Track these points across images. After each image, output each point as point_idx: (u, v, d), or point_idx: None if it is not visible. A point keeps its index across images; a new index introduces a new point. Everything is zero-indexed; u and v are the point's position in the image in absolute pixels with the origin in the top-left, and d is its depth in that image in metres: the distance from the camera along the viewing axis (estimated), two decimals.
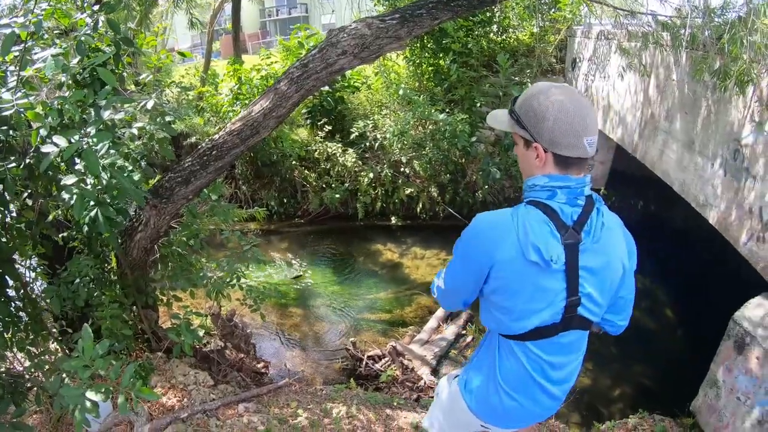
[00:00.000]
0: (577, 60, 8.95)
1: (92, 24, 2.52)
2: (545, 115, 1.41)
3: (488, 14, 9.75)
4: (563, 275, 1.44)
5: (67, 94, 2.47)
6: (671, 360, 5.48)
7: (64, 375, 2.30)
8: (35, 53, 2.53)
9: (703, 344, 4.43)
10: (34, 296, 3.39)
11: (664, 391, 4.88)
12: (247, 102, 8.86)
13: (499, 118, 1.63)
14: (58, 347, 3.61)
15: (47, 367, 2.71)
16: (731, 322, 3.90)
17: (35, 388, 2.68)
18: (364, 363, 5.52)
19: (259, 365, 5.14)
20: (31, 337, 3.11)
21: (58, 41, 2.62)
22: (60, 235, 3.56)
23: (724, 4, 3.39)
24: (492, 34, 10.20)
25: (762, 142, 3.92)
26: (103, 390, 1.99)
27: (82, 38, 2.39)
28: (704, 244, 5.96)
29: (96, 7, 2.62)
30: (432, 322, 6.32)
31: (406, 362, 5.45)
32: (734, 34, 3.03)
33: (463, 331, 6.23)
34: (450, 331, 6.14)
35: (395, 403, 4.34)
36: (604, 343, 1.71)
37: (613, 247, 1.52)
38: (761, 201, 3.93)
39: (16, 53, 2.49)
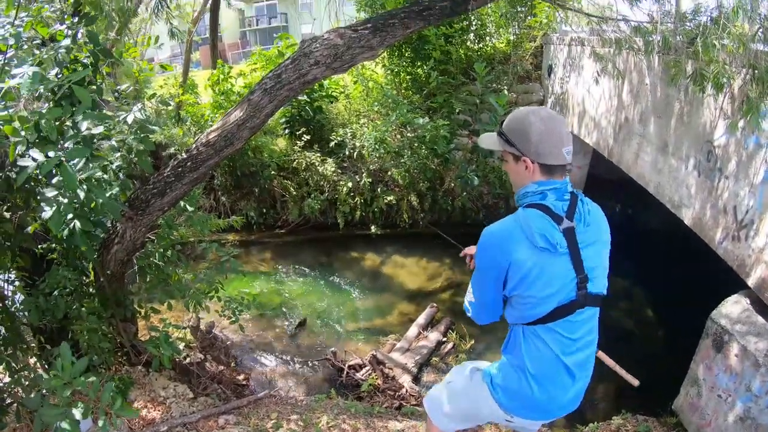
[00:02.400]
0: (553, 66, 9.12)
1: (71, 35, 2.51)
2: (528, 133, 1.73)
3: (465, 22, 9.88)
4: (568, 257, 1.71)
5: (44, 106, 2.46)
6: (652, 360, 5.56)
7: (44, 392, 2.29)
8: (14, 63, 2.51)
9: (684, 344, 4.51)
10: (12, 309, 3.34)
11: (647, 391, 4.93)
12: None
13: (489, 140, 1.91)
14: (36, 362, 3.55)
15: (27, 382, 2.67)
16: (708, 321, 3.99)
17: (15, 404, 2.64)
18: (345, 372, 5.53)
19: (239, 377, 5.12)
20: (10, 350, 3.06)
21: (37, 52, 2.59)
22: (38, 247, 3.52)
23: (696, 8, 3.47)
24: (469, 42, 10.34)
25: (734, 142, 4.03)
26: (82, 409, 2.01)
27: (61, 51, 2.38)
28: (682, 245, 6.09)
29: (75, 19, 2.62)
30: (413, 330, 6.35)
31: (387, 371, 5.47)
32: (706, 38, 3.11)
33: (444, 339, 6.27)
34: (431, 338, 6.18)
35: (377, 412, 4.35)
36: None
37: (599, 228, 1.83)
38: (735, 200, 4.03)
39: None
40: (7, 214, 3.09)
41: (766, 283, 3.67)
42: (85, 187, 2.35)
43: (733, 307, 3.93)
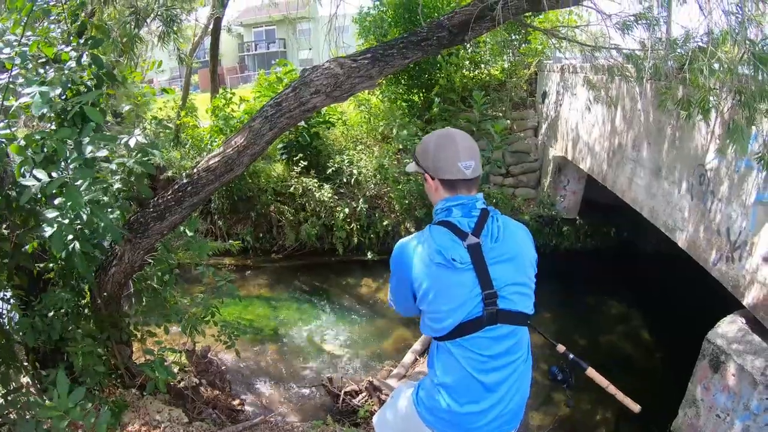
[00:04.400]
0: (547, 92, 9.28)
1: (76, 57, 2.56)
2: (427, 150, 1.82)
3: (462, 51, 10.08)
4: (473, 273, 1.69)
5: (47, 126, 2.49)
6: (650, 382, 5.55)
7: (39, 419, 2.26)
8: (19, 81, 2.55)
9: (681, 365, 4.52)
10: (7, 328, 3.32)
11: (645, 413, 4.90)
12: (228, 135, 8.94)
13: (410, 165, 1.98)
14: (30, 382, 3.51)
15: (19, 405, 2.64)
16: (705, 342, 4.01)
17: (7, 426, 2.61)
18: (341, 399, 5.46)
19: (234, 402, 5.06)
20: (3, 369, 3.03)
21: (42, 71, 2.64)
22: (36, 266, 3.51)
23: (686, 35, 3.55)
24: (465, 70, 10.53)
25: (725, 165, 4.12)
26: None
27: (66, 73, 2.43)
28: (676, 267, 6.11)
29: (81, 41, 2.67)
30: (409, 357, 6.30)
31: (383, 397, 5.40)
32: (695, 63, 3.18)
33: None
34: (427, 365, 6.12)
35: None
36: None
37: (515, 245, 1.77)
38: (728, 222, 4.10)
39: (1, 82, 2.51)
40: (5, 232, 3.09)
41: (761, 302, 3.70)
42: (87, 208, 2.37)
43: (729, 327, 3.96)
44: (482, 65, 10.88)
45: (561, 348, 2.12)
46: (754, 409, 3.39)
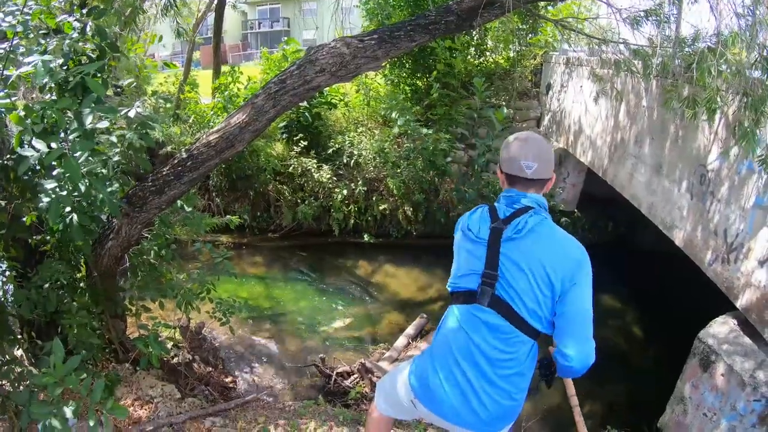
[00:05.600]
0: (552, 84, 9.22)
1: (80, 28, 2.52)
2: (504, 146, 1.98)
3: (468, 37, 9.99)
4: (485, 247, 1.85)
5: (48, 97, 2.46)
6: (639, 377, 5.63)
7: (33, 389, 2.27)
8: (20, 51, 2.52)
9: (671, 362, 4.56)
10: (1, 300, 3.31)
11: (633, 408, 5.00)
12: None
13: None
14: (24, 354, 3.52)
15: (13, 377, 2.65)
16: (696, 341, 4.04)
17: (0, 397, 2.62)
18: (333, 379, 5.50)
19: (227, 379, 5.09)
20: None
21: (43, 42, 2.59)
22: (32, 238, 3.50)
23: (695, 34, 3.52)
24: (470, 57, 10.43)
25: (727, 167, 4.11)
26: (74, 407, 2.00)
27: (68, 42, 2.39)
28: (672, 265, 6.14)
29: (84, 11, 2.62)
30: (402, 340, 6.35)
31: (375, 379, 5.44)
32: (703, 63, 3.15)
33: None
34: (420, 348, 6.17)
35: (364, 420, 4.33)
36: None
37: (536, 250, 1.80)
38: (726, 223, 4.11)
39: (1, 51, 2.47)
40: (2, 203, 3.07)
41: (754, 305, 3.72)
42: (86, 180, 2.35)
43: (721, 328, 3.98)
44: (488, 53, 10.78)
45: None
46: (741, 410, 3.43)
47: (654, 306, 7.04)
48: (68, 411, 1.99)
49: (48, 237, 3.47)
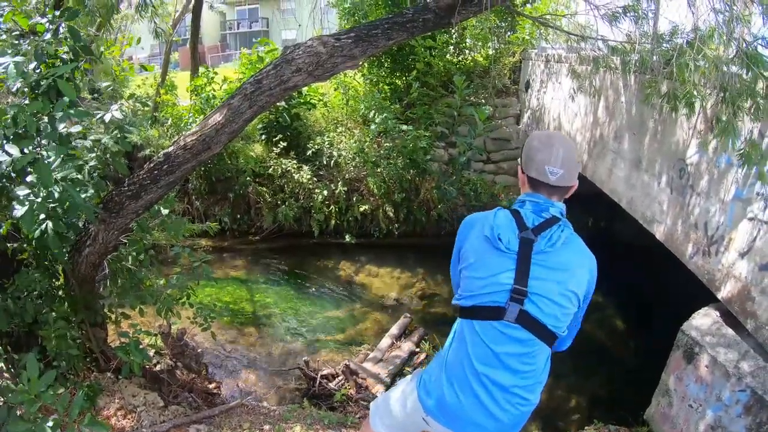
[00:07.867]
0: (531, 81, 9.28)
1: (53, 29, 2.44)
2: (528, 145, 1.85)
3: (447, 35, 10.00)
4: (514, 260, 1.73)
5: (20, 101, 2.38)
6: (624, 371, 5.69)
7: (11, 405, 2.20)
8: None
9: (655, 354, 4.59)
10: None
11: (618, 401, 5.03)
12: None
13: None
14: (3, 367, 3.41)
15: None
16: (679, 333, 4.08)
17: None
18: (317, 382, 5.45)
19: (210, 385, 5.01)
20: None
21: (16, 43, 2.51)
22: (9, 246, 3.39)
23: (673, 30, 3.54)
24: (449, 55, 10.45)
25: (706, 160, 4.16)
26: (52, 423, 1.95)
27: (42, 44, 2.32)
28: (653, 258, 6.22)
29: (57, 12, 2.55)
30: (386, 340, 6.32)
31: (360, 381, 5.42)
32: (681, 59, 3.18)
33: (417, 349, 6.26)
34: (404, 348, 6.16)
35: (349, 422, 4.30)
36: (558, 356, 1.78)
37: (571, 262, 1.78)
38: (706, 216, 4.15)
39: None
40: None
41: (735, 296, 3.77)
42: (60, 186, 2.28)
43: (704, 320, 4.03)
44: (467, 51, 10.81)
45: None
46: (726, 400, 3.48)
47: (635, 299, 7.12)
48: (47, 429, 1.93)
49: (25, 245, 3.37)
